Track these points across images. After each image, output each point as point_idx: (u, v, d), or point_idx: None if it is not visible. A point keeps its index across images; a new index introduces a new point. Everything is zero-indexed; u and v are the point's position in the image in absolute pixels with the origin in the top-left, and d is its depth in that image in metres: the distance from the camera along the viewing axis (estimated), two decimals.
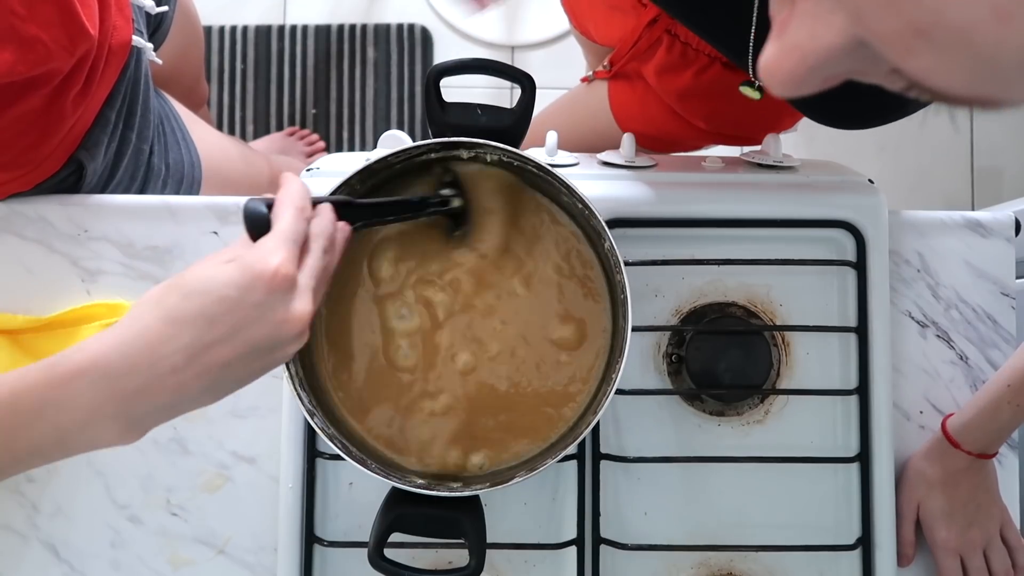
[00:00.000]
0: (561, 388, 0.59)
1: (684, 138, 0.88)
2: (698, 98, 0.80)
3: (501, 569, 0.66)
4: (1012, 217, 0.73)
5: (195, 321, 0.41)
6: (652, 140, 0.89)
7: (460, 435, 0.58)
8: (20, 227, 0.71)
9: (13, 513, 0.69)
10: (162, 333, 0.41)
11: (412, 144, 0.56)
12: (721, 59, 0.75)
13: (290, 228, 0.44)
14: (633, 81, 0.86)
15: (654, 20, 0.76)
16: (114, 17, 0.71)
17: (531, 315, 0.59)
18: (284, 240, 0.43)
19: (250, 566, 0.69)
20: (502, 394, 0.59)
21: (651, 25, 0.77)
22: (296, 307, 0.43)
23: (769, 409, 0.68)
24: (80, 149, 0.72)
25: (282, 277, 0.42)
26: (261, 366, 0.44)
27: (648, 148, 0.91)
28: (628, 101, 0.87)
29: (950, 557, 0.68)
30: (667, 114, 0.84)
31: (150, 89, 0.82)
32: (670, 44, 0.77)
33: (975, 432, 0.67)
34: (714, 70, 0.75)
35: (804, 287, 0.68)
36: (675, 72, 0.78)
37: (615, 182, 0.68)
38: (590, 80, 0.92)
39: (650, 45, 0.79)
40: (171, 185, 0.85)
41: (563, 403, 0.59)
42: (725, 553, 0.67)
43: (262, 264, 0.41)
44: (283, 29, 1.61)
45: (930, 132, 1.68)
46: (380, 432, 0.58)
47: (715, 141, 0.89)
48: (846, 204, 0.67)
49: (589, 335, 0.60)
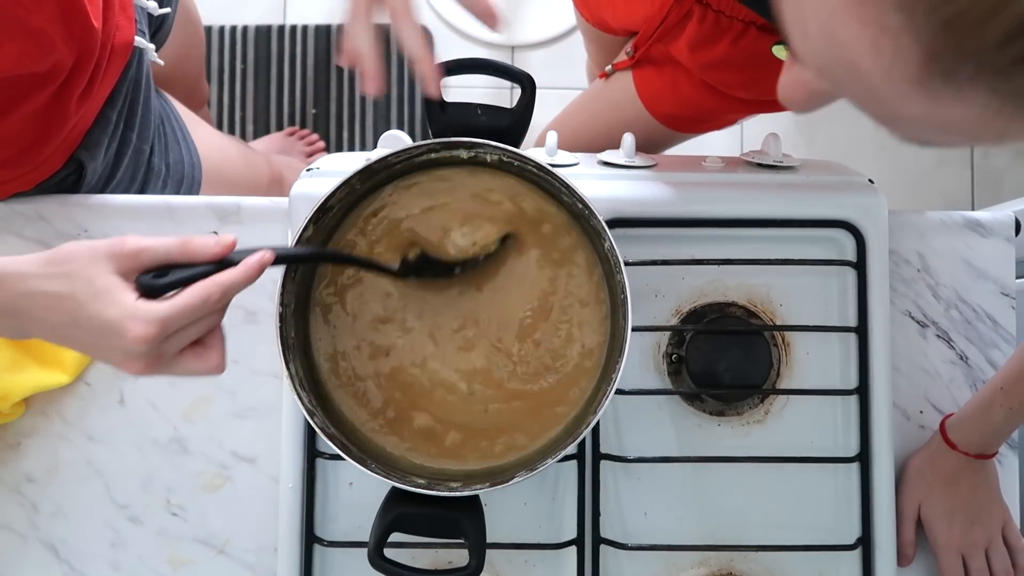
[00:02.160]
0: (561, 388, 0.59)
1: (721, 112, 0.86)
2: (736, 67, 0.79)
3: (501, 569, 0.66)
4: (1012, 217, 0.73)
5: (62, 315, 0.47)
6: (685, 121, 0.88)
7: (461, 429, 0.58)
8: (20, 227, 0.71)
9: (13, 513, 0.69)
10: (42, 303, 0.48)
11: (412, 144, 0.56)
12: (756, 22, 0.74)
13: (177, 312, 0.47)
14: (659, 65, 0.85)
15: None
16: (117, 17, 0.71)
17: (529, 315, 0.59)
18: (162, 320, 0.46)
19: (250, 566, 0.69)
20: (502, 393, 0.59)
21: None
22: (135, 364, 0.48)
23: (769, 409, 0.68)
24: (80, 149, 0.72)
25: (137, 343, 0.46)
26: (101, 360, 0.50)
27: (680, 130, 0.90)
28: (657, 85, 0.86)
29: (952, 557, 0.68)
30: (701, 91, 0.83)
31: (151, 89, 0.82)
32: (702, 15, 0.76)
33: (970, 433, 0.67)
34: (750, 35, 0.75)
35: (804, 287, 0.68)
36: (710, 44, 0.77)
37: (615, 182, 0.68)
38: (610, 74, 0.91)
39: (680, 19, 0.78)
40: (171, 185, 0.85)
41: (563, 403, 0.59)
42: (725, 553, 0.67)
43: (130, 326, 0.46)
44: (283, 29, 1.61)
45: None
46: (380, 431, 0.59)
47: (753, 111, 0.88)
48: (846, 204, 0.67)
49: (589, 335, 0.60)
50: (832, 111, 0.71)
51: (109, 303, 0.46)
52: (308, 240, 0.56)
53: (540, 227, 0.60)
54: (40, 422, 0.70)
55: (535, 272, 0.60)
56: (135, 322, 0.46)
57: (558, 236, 0.60)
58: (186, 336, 0.49)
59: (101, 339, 0.47)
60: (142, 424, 0.69)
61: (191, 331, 0.49)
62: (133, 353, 0.47)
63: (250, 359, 0.69)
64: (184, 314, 0.47)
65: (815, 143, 1.61)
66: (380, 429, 0.59)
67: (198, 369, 0.51)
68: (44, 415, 0.70)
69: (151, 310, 0.46)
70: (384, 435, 0.59)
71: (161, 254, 0.48)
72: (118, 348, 0.47)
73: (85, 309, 0.47)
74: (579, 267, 0.60)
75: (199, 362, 0.50)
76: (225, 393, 0.70)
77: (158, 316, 0.46)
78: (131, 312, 0.46)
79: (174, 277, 0.48)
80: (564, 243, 0.60)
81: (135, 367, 0.48)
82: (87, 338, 0.48)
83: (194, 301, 0.47)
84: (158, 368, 0.49)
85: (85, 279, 0.47)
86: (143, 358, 0.47)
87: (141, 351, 0.47)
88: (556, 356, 0.60)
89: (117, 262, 0.47)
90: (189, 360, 0.50)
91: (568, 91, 0.99)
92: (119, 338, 0.46)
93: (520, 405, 0.59)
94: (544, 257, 0.60)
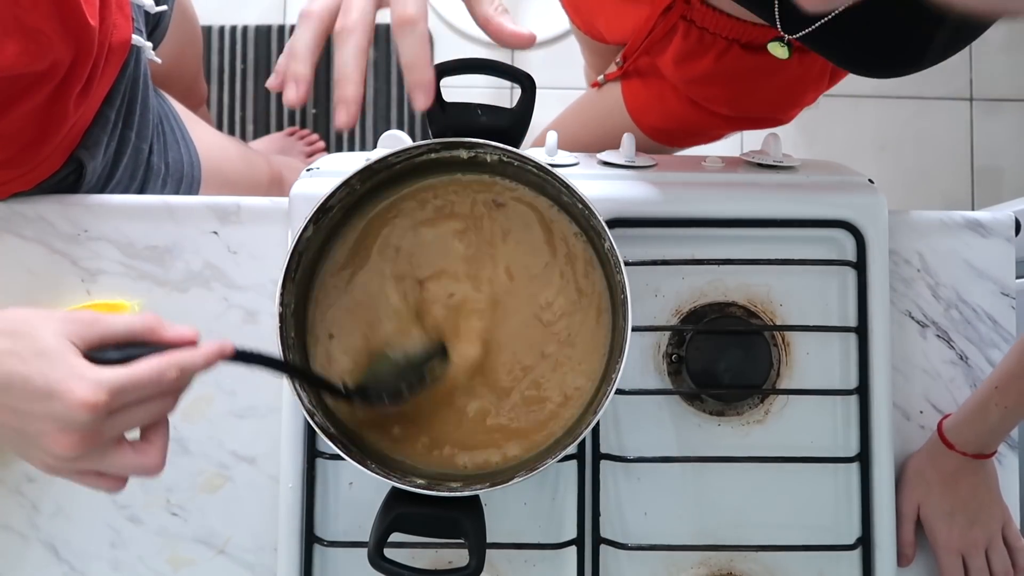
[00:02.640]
0: (560, 388, 0.59)
1: (705, 128, 0.87)
2: (719, 83, 0.79)
3: (501, 569, 0.66)
4: (1012, 217, 0.73)
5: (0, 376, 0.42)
6: (671, 134, 0.88)
7: (460, 432, 0.58)
8: (20, 227, 0.71)
9: (13, 513, 0.69)
10: None
11: (412, 144, 0.56)
12: (740, 41, 0.74)
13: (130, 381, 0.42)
14: (647, 78, 0.85)
15: (668, 7, 0.75)
16: (114, 15, 0.71)
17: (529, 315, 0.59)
18: (112, 388, 0.41)
19: (250, 566, 0.69)
20: (501, 393, 0.59)
21: (666, 12, 0.76)
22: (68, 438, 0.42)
23: (769, 409, 0.68)
24: (80, 148, 0.72)
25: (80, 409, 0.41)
26: (22, 449, 0.44)
27: (667, 144, 0.90)
28: (644, 98, 0.87)
29: (952, 557, 0.68)
30: (686, 105, 0.83)
31: (149, 88, 0.82)
32: (686, 31, 0.76)
33: (967, 433, 0.67)
34: (733, 53, 0.75)
35: (804, 287, 0.68)
36: (694, 59, 0.77)
37: (615, 182, 0.68)
38: (601, 84, 0.91)
39: (665, 33, 0.78)
40: (171, 184, 0.85)
41: (562, 403, 0.59)
42: (725, 553, 0.67)
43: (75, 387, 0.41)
44: (283, 29, 1.61)
45: (930, 132, 1.68)
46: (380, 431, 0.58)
47: (737, 127, 0.88)
48: (846, 204, 0.67)
49: (589, 335, 0.60)
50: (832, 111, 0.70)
51: (55, 363, 0.41)
52: (308, 240, 0.56)
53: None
54: None
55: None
56: (83, 383, 0.41)
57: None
58: (132, 417, 0.44)
59: (37, 403, 0.41)
60: None
61: (139, 412, 0.44)
62: (70, 424, 0.41)
63: None
64: (137, 386, 0.42)
65: (815, 143, 1.61)
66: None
67: (132, 465, 0.45)
68: None
69: (102, 375, 0.41)
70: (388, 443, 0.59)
71: (120, 329, 0.44)
72: (55, 416, 0.41)
73: (25, 367, 0.41)
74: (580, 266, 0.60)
75: (136, 457, 0.45)
76: (225, 393, 0.70)
77: (109, 383, 0.41)
78: (80, 373, 0.41)
79: (129, 352, 0.43)
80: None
81: (66, 444, 0.41)
82: (17, 403, 0.41)
83: (149, 373, 0.43)
84: (89, 452, 0.42)
85: (30, 338, 0.42)
86: (80, 434, 0.41)
87: (81, 421, 0.41)
88: (555, 356, 0.59)
89: (69, 327, 0.43)
90: (125, 453, 0.45)
91: (568, 91, 0.98)
92: (60, 402, 0.40)
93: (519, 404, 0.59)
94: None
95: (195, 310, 0.71)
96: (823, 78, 0.79)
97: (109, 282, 0.71)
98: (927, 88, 1.68)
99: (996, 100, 1.70)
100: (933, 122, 1.68)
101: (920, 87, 1.67)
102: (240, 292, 0.71)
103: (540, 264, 0.60)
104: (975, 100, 1.70)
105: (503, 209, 0.61)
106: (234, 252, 0.71)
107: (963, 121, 1.69)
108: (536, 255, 0.60)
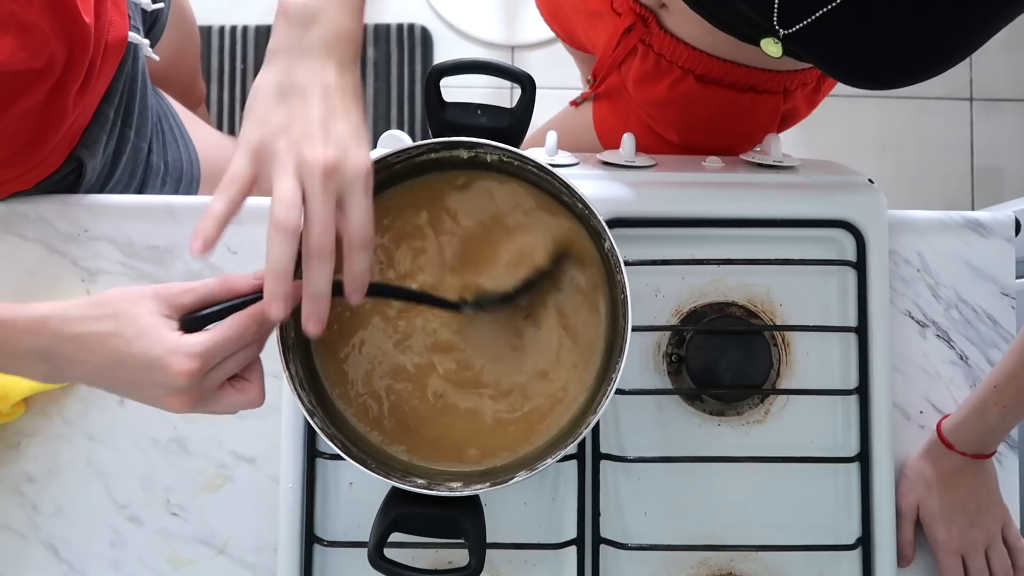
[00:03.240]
0: (560, 388, 0.59)
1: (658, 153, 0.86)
2: (672, 110, 0.78)
3: (501, 569, 0.66)
4: (1012, 217, 0.73)
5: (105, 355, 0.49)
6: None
7: (460, 432, 0.58)
8: (20, 227, 0.71)
9: (13, 513, 0.69)
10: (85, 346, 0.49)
11: (412, 144, 0.56)
12: (695, 72, 0.74)
13: (216, 345, 0.48)
14: (614, 99, 0.85)
15: (629, 28, 0.75)
16: (110, 12, 0.71)
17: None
18: (203, 354, 0.47)
19: (250, 566, 0.69)
20: (501, 393, 0.59)
21: (627, 33, 0.76)
22: (178, 399, 0.49)
23: (769, 409, 0.68)
24: (79, 147, 0.72)
25: (180, 377, 0.47)
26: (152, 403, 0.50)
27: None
28: (610, 119, 0.86)
29: (952, 557, 0.68)
30: (644, 129, 0.82)
31: (147, 87, 0.82)
32: (644, 54, 0.76)
33: (966, 433, 0.67)
34: (687, 83, 0.74)
35: (804, 287, 0.68)
36: (651, 82, 0.77)
37: (615, 182, 0.68)
38: (579, 103, 0.91)
39: (627, 54, 0.78)
40: (170, 183, 0.85)
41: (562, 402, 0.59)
42: (725, 553, 0.67)
43: (173, 361, 0.47)
44: None
45: (930, 132, 1.68)
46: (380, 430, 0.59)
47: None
48: (846, 204, 0.67)
49: (589, 335, 0.60)
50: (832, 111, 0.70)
51: (154, 340, 0.47)
52: None
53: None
54: (40, 422, 0.69)
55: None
56: (178, 357, 0.47)
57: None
58: (226, 369, 0.50)
59: (145, 375, 0.48)
60: (142, 424, 0.69)
61: (230, 364, 0.50)
62: (176, 388, 0.48)
63: None
64: (223, 346, 0.48)
65: (815, 143, 1.61)
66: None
67: (238, 402, 0.51)
68: (44, 415, 0.70)
69: (192, 344, 0.47)
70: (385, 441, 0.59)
71: (202, 293, 0.50)
72: (162, 384, 0.48)
73: (130, 346, 0.48)
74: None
75: (239, 395, 0.51)
76: None
77: (199, 349, 0.47)
78: (174, 347, 0.47)
79: (211, 309, 0.49)
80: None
81: (178, 403, 0.49)
82: (130, 376, 0.48)
83: (232, 333, 0.48)
84: (200, 403, 0.49)
85: (129, 318, 0.48)
86: (186, 393, 0.48)
87: (184, 385, 0.47)
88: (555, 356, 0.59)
89: (161, 303, 0.49)
90: (230, 394, 0.51)
91: (568, 91, 0.98)
92: (163, 373, 0.47)
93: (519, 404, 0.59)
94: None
95: None
96: (773, 121, 0.78)
97: (109, 282, 0.71)
98: (927, 88, 1.67)
99: (996, 100, 1.70)
100: (933, 122, 1.68)
101: (920, 87, 1.66)
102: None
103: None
104: (975, 100, 1.70)
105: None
106: (234, 252, 0.71)
107: (963, 121, 1.69)
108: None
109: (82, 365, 0.49)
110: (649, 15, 0.73)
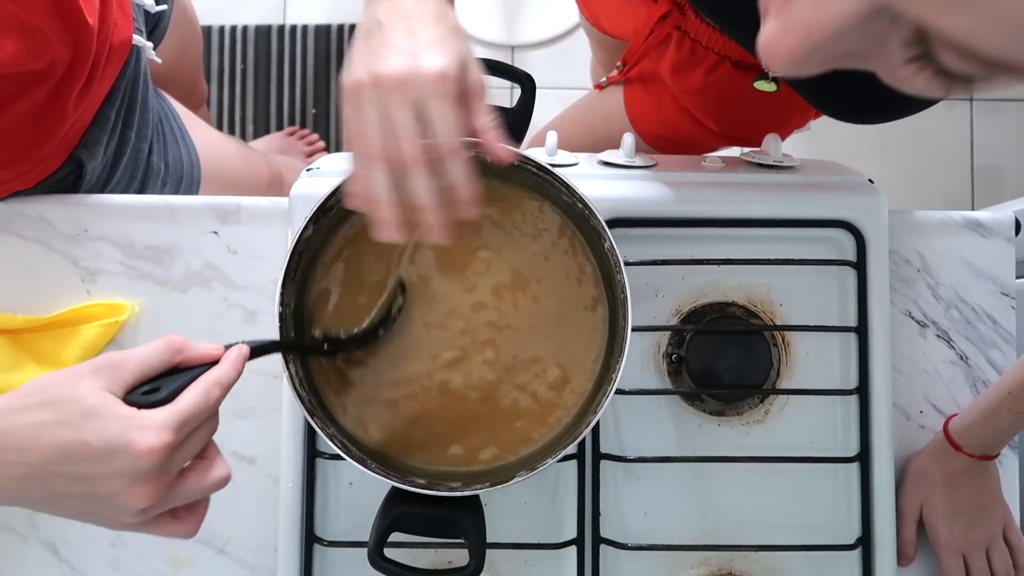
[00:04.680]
0: (560, 387, 0.59)
1: (699, 139, 0.87)
2: (709, 98, 0.79)
3: (501, 569, 0.66)
4: (1012, 217, 0.73)
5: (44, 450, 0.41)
6: (667, 142, 0.88)
7: (458, 432, 0.58)
8: (20, 227, 0.71)
9: (13, 513, 0.69)
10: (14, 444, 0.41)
11: None
12: (731, 58, 0.74)
13: (186, 415, 0.43)
14: (648, 83, 0.85)
15: (664, 16, 0.75)
16: (115, 14, 0.71)
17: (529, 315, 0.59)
18: (173, 426, 0.42)
19: (250, 566, 0.68)
20: (500, 392, 0.59)
21: (662, 20, 0.76)
22: (143, 488, 0.42)
23: (769, 409, 0.68)
24: (80, 147, 0.72)
25: (150, 456, 0.41)
26: (95, 514, 0.44)
27: (663, 150, 0.90)
28: (643, 103, 0.86)
29: (953, 557, 0.68)
30: (682, 115, 0.83)
31: (149, 88, 0.82)
32: (680, 41, 0.76)
33: (975, 436, 0.67)
34: (723, 69, 0.75)
35: (804, 287, 0.68)
36: (687, 70, 0.77)
37: (615, 182, 0.68)
38: (604, 86, 0.91)
39: (661, 41, 0.78)
40: (170, 184, 0.85)
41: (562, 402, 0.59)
42: (725, 553, 0.67)
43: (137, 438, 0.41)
44: (283, 29, 1.61)
45: (930, 132, 1.68)
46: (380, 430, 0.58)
47: (727, 143, 0.88)
48: (846, 204, 0.67)
49: (589, 335, 0.60)
50: None
51: (107, 419, 0.41)
52: (308, 240, 0.56)
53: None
54: None
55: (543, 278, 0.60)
56: (143, 432, 0.40)
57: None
58: (191, 447, 0.44)
59: (103, 464, 0.40)
60: None
61: (195, 440, 0.44)
62: (142, 474, 0.41)
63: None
64: (193, 416, 0.43)
65: (815, 143, 1.61)
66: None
67: (207, 483, 0.45)
68: None
69: (158, 417, 0.41)
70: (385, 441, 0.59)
71: (150, 363, 0.44)
72: (123, 472, 0.41)
73: (77, 433, 0.40)
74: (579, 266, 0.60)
75: (207, 474, 0.45)
76: None
77: (169, 422, 0.41)
78: (136, 423, 0.41)
79: (170, 388, 0.43)
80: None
81: (142, 493, 0.41)
82: (81, 470, 0.41)
83: (198, 400, 0.43)
84: (167, 495, 0.43)
85: (70, 401, 0.41)
86: (153, 480, 0.41)
87: (150, 468, 0.41)
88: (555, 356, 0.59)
89: (104, 378, 0.42)
90: (196, 476, 0.45)
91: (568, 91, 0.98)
92: (126, 455, 0.40)
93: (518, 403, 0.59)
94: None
95: (195, 310, 0.71)
96: (809, 108, 0.78)
97: (109, 282, 0.71)
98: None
99: (996, 100, 1.70)
100: (933, 122, 1.68)
101: None
102: (240, 292, 0.71)
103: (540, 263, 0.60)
104: (975, 100, 1.70)
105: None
106: (234, 252, 0.71)
107: (963, 121, 1.69)
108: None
109: (9, 468, 0.41)
110: (684, 2, 0.73)
